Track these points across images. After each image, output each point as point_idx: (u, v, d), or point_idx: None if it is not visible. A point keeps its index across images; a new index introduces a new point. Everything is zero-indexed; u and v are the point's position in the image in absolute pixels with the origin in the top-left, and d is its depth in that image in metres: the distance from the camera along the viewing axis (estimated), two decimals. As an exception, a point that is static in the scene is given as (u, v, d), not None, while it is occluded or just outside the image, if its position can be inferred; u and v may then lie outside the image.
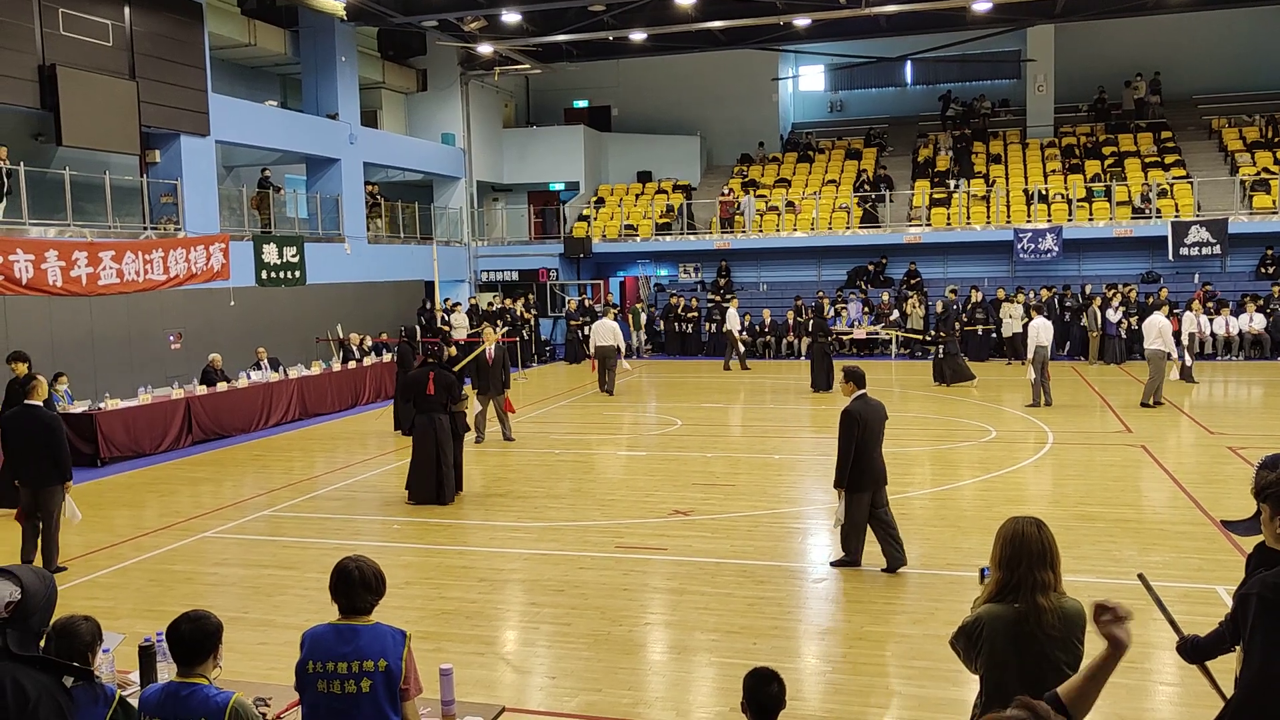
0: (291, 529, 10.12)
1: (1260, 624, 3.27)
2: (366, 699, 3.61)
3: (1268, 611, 3.24)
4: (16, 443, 8.65)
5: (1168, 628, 3.95)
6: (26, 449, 8.56)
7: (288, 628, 7.03)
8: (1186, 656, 3.87)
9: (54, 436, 8.57)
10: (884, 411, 8.07)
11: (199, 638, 3.46)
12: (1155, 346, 15.86)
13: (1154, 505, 10.09)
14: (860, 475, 7.88)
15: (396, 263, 24.87)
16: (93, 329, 16.18)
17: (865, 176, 28.70)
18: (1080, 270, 26.10)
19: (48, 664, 3.18)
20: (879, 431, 7.97)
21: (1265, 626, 3.26)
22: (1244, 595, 3.33)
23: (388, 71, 26.91)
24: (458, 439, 11.20)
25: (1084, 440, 13.58)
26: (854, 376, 8.00)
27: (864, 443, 7.82)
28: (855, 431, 7.78)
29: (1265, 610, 3.25)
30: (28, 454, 8.56)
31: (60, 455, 8.58)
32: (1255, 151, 26.46)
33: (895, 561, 8.01)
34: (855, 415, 7.82)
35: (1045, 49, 29.22)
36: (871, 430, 7.86)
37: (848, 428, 7.83)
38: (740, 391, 20.02)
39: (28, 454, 8.56)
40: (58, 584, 3.37)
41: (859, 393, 7.95)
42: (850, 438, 7.80)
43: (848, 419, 7.84)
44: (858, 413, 7.83)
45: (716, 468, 12.44)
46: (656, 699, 5.92)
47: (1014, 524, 3.52)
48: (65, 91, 15.79)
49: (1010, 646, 3.42)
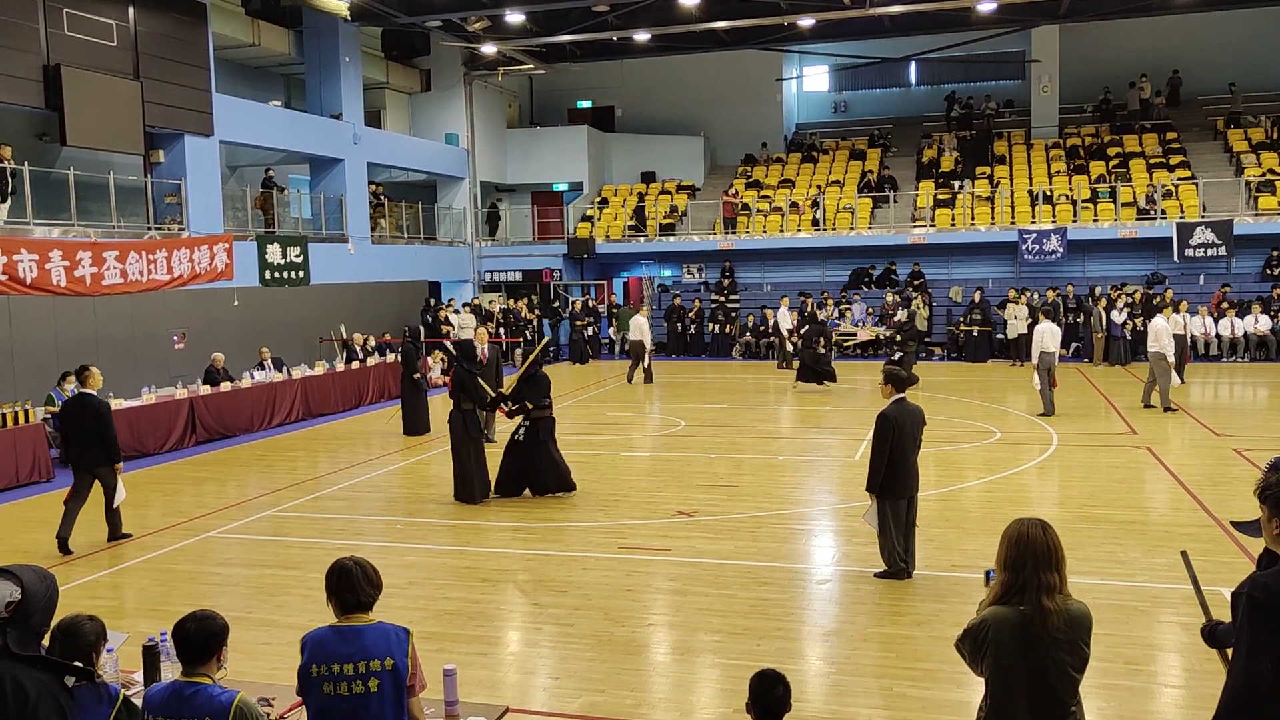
0: (295, 529, 10.12)
1: (1247, 623, 3.24)
2: (375, 699, 3.59)
3: (1255, 611, 3.21)
4: (72, 426, 9.44)
5: (1174, 631, 3.93)
6: (80, 433, 9.37)
7: (291, 628, 7.03)
8: (1207, 640, 3.87)
9: (102, 421, 9.38)
10: (921, 416, 7.86)
11: (204, 637, 3.45)
12: (1155, 349, 15.74)
13: (1159, 507, 10.07)
14: (895, 481, 7.69)
15: (400, 263, 24.88)
16: (97, 329, 16.20)
17: (869, 177, 28.67)
18: (1085, 271, 26.05)
19: (48, 664, 3.18)
20: (915, 437, 7.77)
21: (1251, 626, 3.23)
22: (1235, 594, 3.31)
23: (391, 71, 26.94)
24: (473, 439, 10.96)
25: (1089, 442, 13.54)
26: (893, 379, 7.82)
27: (899, 448, 7.62)
28: (891, 436, 7.60)
29: (1253, 610, 3.22)
30: (81, 437, 9.36)
31: (108, 437, 9.37)
32: (1261, 152, 26.40)
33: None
34: (891, 420, 7.64)
35: (1050, 49, 29.18)
36: (907, 435, 7.66)
37: (882, 432, 7.65)
38: (744, 392, 20.00)
39: (81, 437, 9.36)
40: (58, 582, 3.36)
41: (897, 396, 7.77)
42: (885, 442, 7.62)
43: (883, 424, 7.67)
44: (894, 418, 7.64)
45: (720, 469, 12.42)
46: (660, 700, 5.91)
47: (1019, 525, 3.51)
48: (69, 91, 15.81)
49: (1016, 649, 3.40)
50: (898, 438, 7.60)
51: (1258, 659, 3.18)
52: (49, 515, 11.04)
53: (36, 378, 14.77)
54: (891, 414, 7.67)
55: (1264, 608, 3.18)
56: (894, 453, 7.61)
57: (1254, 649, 3.19)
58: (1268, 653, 3.16)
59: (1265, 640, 3.17)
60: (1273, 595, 3.19)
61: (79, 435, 9.36)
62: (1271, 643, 3.16)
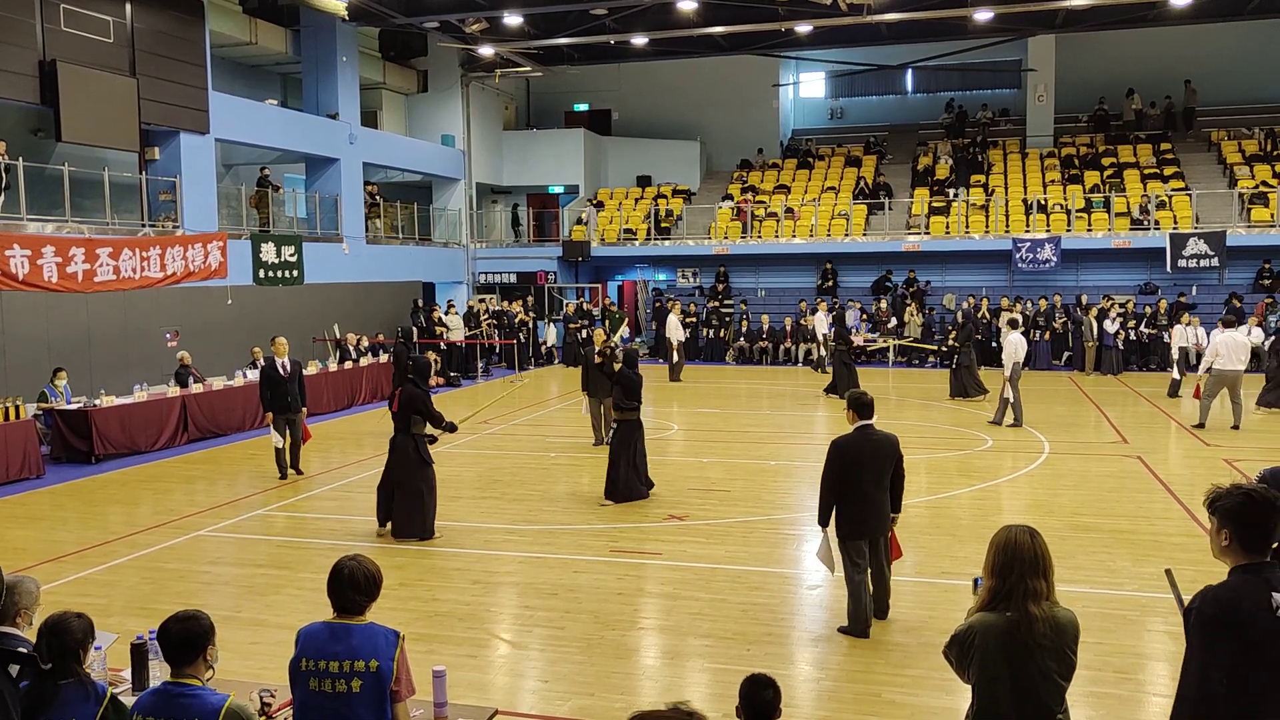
0: (285, 528, 10.11)
1: (1198, 638, 3.25)
2: (357, 699, 3.60)
3: (1204, 625, 3.22)
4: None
5: (1162, 640, 3.95)
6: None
7: (280, 627, 7.02)
8: None
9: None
10: (891, 446, 6.79)
11: (187, 638, 3.42)
12: (1224, 365, 14.91)
13: (1149, 516, 10.10)
14: (851, 519, 6.76)
15: (395, 263, 24.86)
16: (89, 326, 16.16)
17: (864, 184, 28.73)
18: (1078, 281, 26.13)
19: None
20: (881, 470, 6.75)
21: (1202, 641, 3.24)
22: (1186, 610, 3.33)
23: (388, 72, 26.92)
24: (428, 465, 9.63)
25: (1080, 451, 13.58)
26: (856, 404, 6.86)
27: (855, 483, 6.69)
28: (836, 468, 6.69)
29: (1202, 624, 3.23)
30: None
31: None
32: (1254, 164, 26.52)
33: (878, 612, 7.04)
34: (841, 450, 6.73)
35: (1046, 59, 29.28)
36: (869, 468, 6.69)
37: (830, 463, 6.74)
38: (737, 397, 20.02)
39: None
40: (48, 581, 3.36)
41: (860, 423, 6.80)
42: (831, 475, 6.72)
43: (832, 453, 6.76)
44: (846, 447, 6.73)
45: (712, 473, 12.43)
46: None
47: (1007, 532, 3.52)
48: (65, 87, 15.77)
49: (1002, 655, 3.41)
50: (850, 471, 6.67)
51: (1209, 672, 3.20)
52: (40, 512, 11.02)
53: (28, 374, 14.73)
54: (843, 443, 6.76)
55: (1213, 623, 3.20)
56: (850, 489, 6.70)
57: (1205, 664, 3.21)
58: (1219, 666, 3.18)
59: (1216, 654, 3.19)
60: (1223, 608, 3.20)
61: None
62: (1222, 656, 3.17)
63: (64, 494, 11.93)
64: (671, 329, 22.88)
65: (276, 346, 12.62)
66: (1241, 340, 14.98)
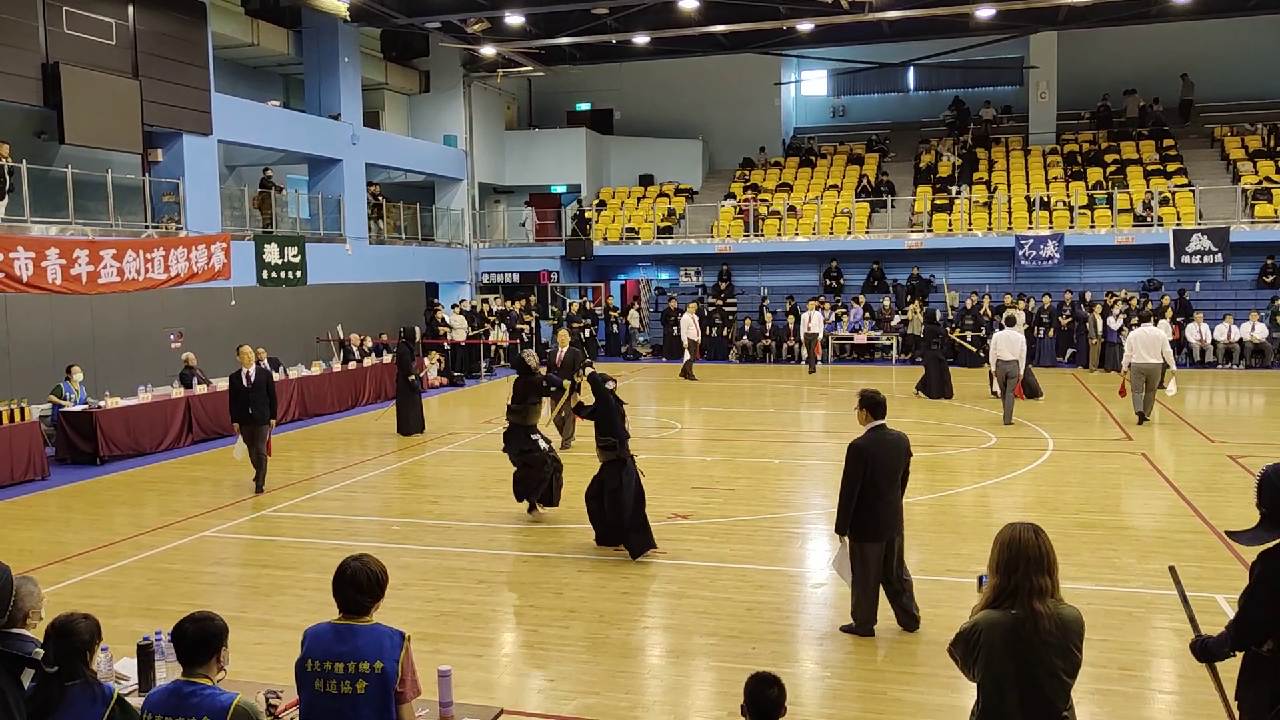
0: (290, 529, 10.12)
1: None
2: (361, 700, 3.59)
3: None
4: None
5: (1168, 637, 3.95)
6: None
7: (285, 628, 7.03)
8: (1197, 655, 3.92)
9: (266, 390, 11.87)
10: (904, 445, 6.77)
11: (203, 638, 3.45)
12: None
13: (1154, 513, 10.08)
14: (869, 522, 6.64)
15: (397, 264, 24.88)
16: (93, 328, 16.18)
17: (866, 182, 28.71)
18: (1081, 277, 26.11)
19: (3, 657, 3.20)
20: (896, 469, 6.70)
21: None
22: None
23: (390, 72, 26.94)
24: None
25: (1084, 447, 13.57)
26: (869, 404, 6.75)
27: (874, 484, 6.59)
28: (860, 471, 6.58)
29: None
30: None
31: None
32: (1257, 160, 26.47)
33: (907, 625, 6.92)
34: (862, 452, 6.60)
35: (1048, 56, 29.24)
36: (885, 469, 6.62)
37: (852, 467, 6.61)
38: (741, 395, 20.01)
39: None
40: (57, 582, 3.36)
41: (874, 423, 6.71)
42: (854, 478, 6.59)
43: (853, 456, 6.62)
44: (866, 449, 6.61)
45: (716, 472, 12.43)
46: (654, 702, 5.92)
47: (1011, 529, 3.52)
48: (68, 89, 15.80)
49: (1007, 653, 3.41)
50: (872, 472, 6.58)
51: None
52: (45, 513, 11.05)
53: (33, 377, 14.75)
54: (863, 444, 6.63)
55: None
56: (867, 489, 6.59)
57: None
58: None
59: None
60: None
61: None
62: None
63: (69, 495, 11.96)
64: (686, 328, 23.14)
65: (242, 356, 12.09)
66: (1154, 334, 15.28)
